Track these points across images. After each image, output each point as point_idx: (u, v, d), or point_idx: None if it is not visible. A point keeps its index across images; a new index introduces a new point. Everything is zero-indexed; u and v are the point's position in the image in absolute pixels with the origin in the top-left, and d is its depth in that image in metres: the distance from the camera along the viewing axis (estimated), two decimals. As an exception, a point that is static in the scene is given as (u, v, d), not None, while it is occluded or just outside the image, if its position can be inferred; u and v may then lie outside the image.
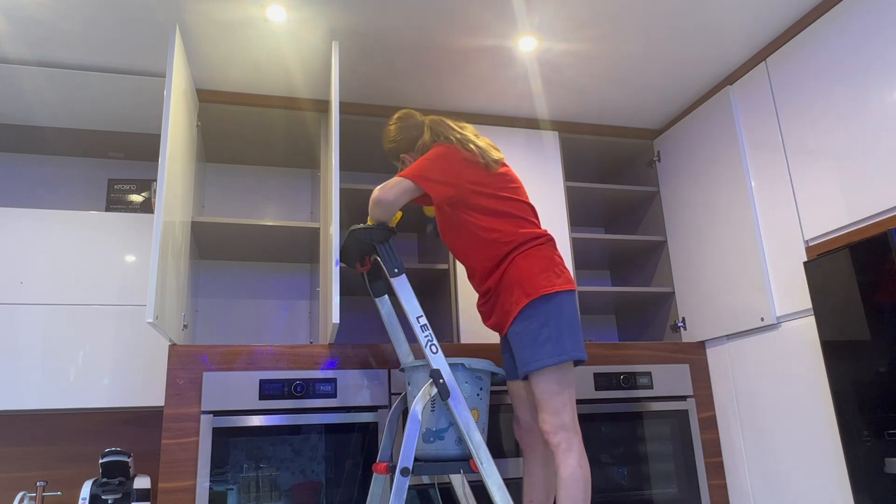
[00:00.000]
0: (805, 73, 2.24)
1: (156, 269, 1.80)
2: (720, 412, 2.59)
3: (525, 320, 1.87)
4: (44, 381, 2.26)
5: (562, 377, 1.85)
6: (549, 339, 1.83)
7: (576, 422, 1.83)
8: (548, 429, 1.82)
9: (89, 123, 2.63)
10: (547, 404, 1.83)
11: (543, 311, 1.86)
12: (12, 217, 2.38)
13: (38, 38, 2.18)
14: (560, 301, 1.88)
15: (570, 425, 1.82)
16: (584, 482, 1.77)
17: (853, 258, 1.95)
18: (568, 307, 1.89)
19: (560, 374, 1.84)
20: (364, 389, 2.21)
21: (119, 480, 2.13)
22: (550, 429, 1.82)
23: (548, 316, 1.86)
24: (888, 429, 1.83)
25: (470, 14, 2.17)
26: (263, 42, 2.28)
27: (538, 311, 1.86)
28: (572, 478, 1.76)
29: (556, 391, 1.83)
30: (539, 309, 1.86)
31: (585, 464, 1.79)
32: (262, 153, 2.95)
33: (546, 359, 1.82)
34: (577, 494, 1.75)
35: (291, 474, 2.10)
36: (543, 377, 1.84)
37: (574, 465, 1.77)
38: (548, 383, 1.84)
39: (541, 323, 1.85)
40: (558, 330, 1.85)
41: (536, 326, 1.85)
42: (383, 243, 1.93)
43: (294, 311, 2.91)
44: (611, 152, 3.15)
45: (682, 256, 2.84)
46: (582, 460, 1.79)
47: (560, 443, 1.80)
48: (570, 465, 1.78)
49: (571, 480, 1.76)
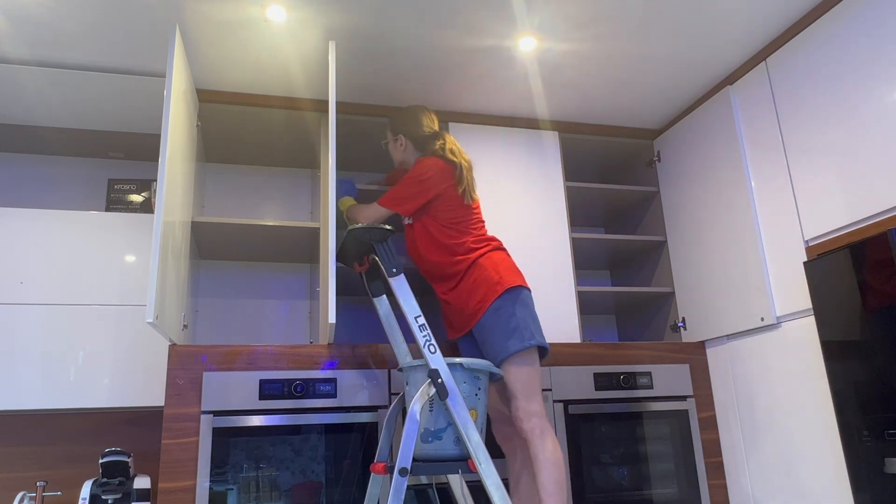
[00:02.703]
0: (805, 73, 2.24)
1: (156, 269, 1.80)
2: (720, 412, 2.58)
3: (495, 311, 2.02)
4: (44, 381, 2.26)
5: (531, 365, 2.00)
6: (517, 328, 2.00)
7: (543, 407, 1.98)
8: (521, 415, 1.95)
9: (89, 123, 2.63)
10: (519, 392, 1.97)
11: (510, 302, 2.03)
12: (12, 217, 2.39)
13: (38, 38, 2.18)
14: (523, 295, 2.07)
15: (540, 411, 1.97)
16: (561, 463, 1.91)
17: (853, 258, 1.95)
18: (529, 301, 2.08)
19: (529, 362, 2.00)
20: (364, 389, 2.21)
21: (119, 480, 2.13)
22: (524, 415, 1.95)
23: (514, 307, 2.03)
24: (888, 429, 1.83)
25: (470, 14, 2.17)
26: (263, 42, 2.28)
27: (506, 302, 2.03)
28: (551, 460, 1.89)
29: (526, 379, 1.98)
30: (506, 301, 2.03)
31: (558, 447, 1.93)
32: (262, 153, 2.95)
33: (518, 343, 1.98)
34: (559, 476, 1.88)
35: (291, 474, 2.10)
36: (514, 364, 1.99)
37: (550, 449, 1.91)
38: (518, 370, 1.98)
39: (509, 313, 2.02)
40: (524, 319, 2.02)
41: (506, 317, 2.02)
42: (382, 243, 1.93)
43: (294, 311, 2.91)
44: (611, 152, 3.15)
45: (682, 256, 2.84)
46: (555, 444, 1.94)
47: (533, 428, 1.93)
48: (547, 449, 1.90)
49: (552, 463, 1.89)
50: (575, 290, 2.68)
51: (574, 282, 2.70)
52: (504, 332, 2.00)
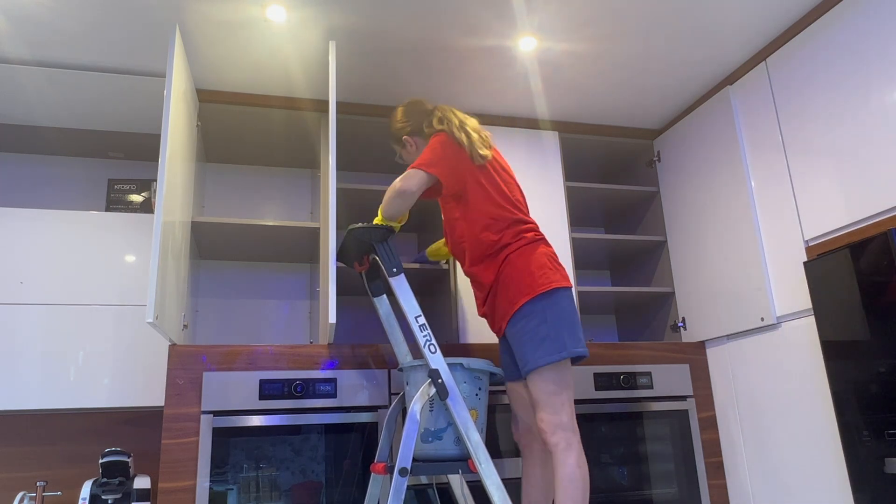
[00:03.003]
0: (805, 73, 2.24)
1: (156, 269, 1.80)
2: (720, 412, 2.58)
3: (523, 318, 1.87)
4: (44, 381, 2.26)
5: (560, 376, 1.84)
6: (547, 337, 1.83)
7: (574, 421, 1.83)
8: (546, 428, 1.81)
9: (89, 123, 2.63)
10: (545, 403, 1.82)
11: (541, 308, 1.86)
12: (12, 217, 2.39)
13: (38, 38, 2.18)
14: (558, 298, 1.88)
15: (569, 424, 1.81)
16: (583, 482, 1.76)
17: (853, 258, 1.95)
18: (566, 303, 1.88)
19: (558, 373, 1.84)
20: (364, 389, 2.21)
21: (119, 480, 2.13)
22: (549, 428, 1.80)
23: (545, 313, 1.85)
24: (888, 429, 1.83)
25: (470, 14, 2.17)
26: (263, 42, 2.28)
27: (536, 308, 1.86)
28: (571, 477, 1.75)
29: (554, 390, 1.82)
30: (537, 306, 1.86)
31: (584, 463, 1.79)
32: (262, 153, 2.95)
33: (546, 356, 1.81)
34: (575, 494, 1.74)
35: (291, 474, 2.10)
36: (541, 376, 1.83)
37: (573, 465, 1.76)
38: (546, 382, 1.83)
39: (539, 320, 1.85)
40: (557, 327, 1.84)
41: (535, 324, 1.85)
42: (382, 243, 1.93)
43: (294, 311, 2.91)
44: (611, 152, 3.15)
45: (682, 256, 2.84)
46: (580, 460, 1.78)
47: (559, 442, 1.79)
48: (568, 464, 1.76)
49: (570, 480, 1.75)
50: (575, 290, 2.68)
51: (574, 282, 2.70)
52: (533, 341, 1.84)
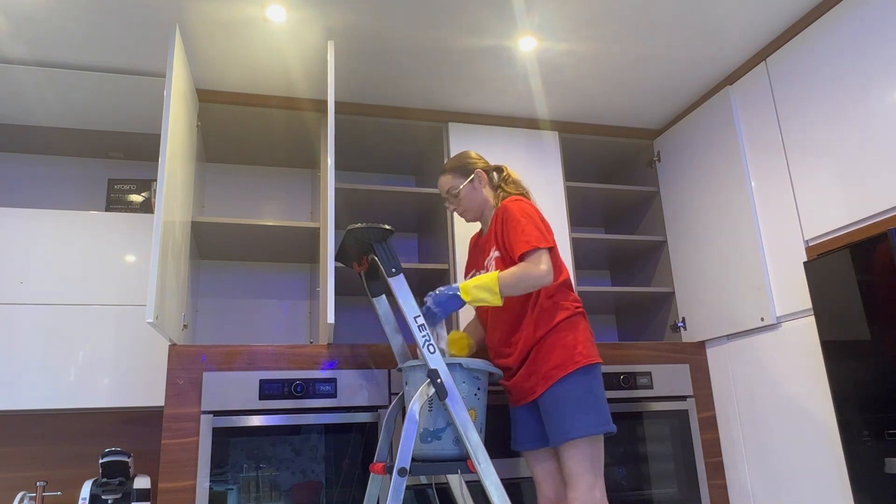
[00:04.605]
0: (805, 73, 2.24)
1: (156, 269, 1.80)
2: (720, 412, 2.58)
3: (569, 385, 1.84)
4: (44, 381, 2.26)
5: (597, 450, 1.82)
6: (592, 408, 1.82)
7: (605, 500, 1.80)
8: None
9: (89, 123, 2.63)
10: (580, 479, 1.79)
11: (587, 379, 1.85)
12: (12, 217, 2.39)
13: (38, 38, 2.19)
14: (598, 373, 1.89)
15: (603, 499, 1.79)
16: None
17: (853, 258, 1.95)
18: (602, 381, 1.90)
19: (596, 448, 1.82)
20: (364, 389, 2.21)
21: (119, 480, 2.13)
22: None
23: (591, 384, 1.85)
24: (888, 429, 1.82)
25: (470, 14, 2.17)
26: (263, 42, 2.28)
27: (582, 379, 1.85)
28: None
29: (589, 467, 1.79)
30: (583, 377, 1.85)
31: None
32: (262, 153, 2.95)
33: (591, 427, 1.79)
34: None
35: (291, 474, 2.10)
36: (579, 448, 1.80)
37: None
38: (583, 455, 1.80)
39: (585, 390, 1.84)
40: (599, 401, 1.84)
41: (581, 393, 1.83)
42: (381, 243, 1.93)
43: (294, 311, 2.91)
44: (611, 152, 3.15)
45: (682, 256, 2.84)
46: None
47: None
48: None
49: None
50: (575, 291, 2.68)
51: (574, 282, 2.70)
52: (580, 408, 1.81)
